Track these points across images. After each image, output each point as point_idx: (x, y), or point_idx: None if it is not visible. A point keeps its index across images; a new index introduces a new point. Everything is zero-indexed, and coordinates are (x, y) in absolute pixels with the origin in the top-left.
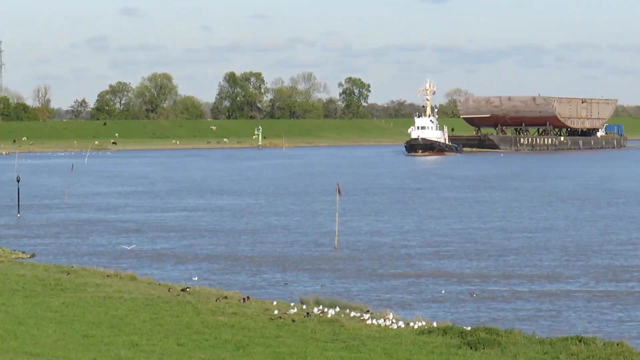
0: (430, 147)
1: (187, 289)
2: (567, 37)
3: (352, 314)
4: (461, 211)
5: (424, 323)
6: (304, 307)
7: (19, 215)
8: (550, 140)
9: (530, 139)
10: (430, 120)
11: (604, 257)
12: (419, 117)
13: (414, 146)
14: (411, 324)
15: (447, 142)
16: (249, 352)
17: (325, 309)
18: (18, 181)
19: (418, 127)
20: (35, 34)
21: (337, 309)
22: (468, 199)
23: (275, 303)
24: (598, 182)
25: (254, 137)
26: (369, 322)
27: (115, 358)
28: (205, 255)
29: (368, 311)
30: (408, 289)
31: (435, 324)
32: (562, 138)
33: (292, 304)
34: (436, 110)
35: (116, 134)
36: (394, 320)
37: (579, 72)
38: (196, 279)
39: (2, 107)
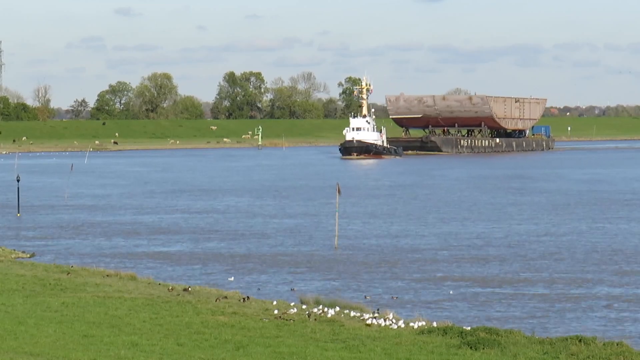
0: (366, 150)
1: (189, 289)
2: (564, 37)
3: (352, 314)
4: (461, 212)
5: (424, 323)
6: (304, 307)
7: (18, 214)
8: (487, 142)
9: (470, 141)
10: (367, 122)
11: (605, 259)
12: (354, 117)
13: (349, 149)
14: (411, 324)
15: (384, 144)
16: (249, 352)
17: (325, 309)
18: (18, 181)
19: (353, 129)
20: (31, 33)
21: (337, 308)
22: (467, 201)
23: (275, 303)
24: (594, 183)
25: (247, 136)
26: (369, 322)
27: (115, 358)
28: (205, 256)
29: (378, 309)
30: (408, 288)
31: (435, 324)
32: (497, 140)
33: (292, 304)
34: (373, 110)
35: (116, 134)
36: (394, 320)
37: (576, 71)
38: (232, 279)
39: (2, 107)
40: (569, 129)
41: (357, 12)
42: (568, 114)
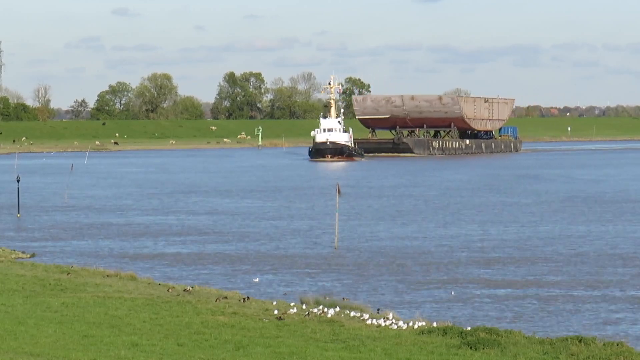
0: (339, 151)
1: (189, 289)
2: (563, 37)
3: (352, 314)
4: (459, 213)
5: (424, 323)
6: (304, 307)
7: (19, 215)
8: (457, 143)
9: (441, 142)
10: (338, 122)
11: (605, 260)
12: (324, 118)
13: (322, 151)
14: (411, 324)
15: (353, 145)
16: (249, 352)
17: (325, 309)
18: (18, 181)
19: (324, 130)
20: (31, 33)
21: (337, 308)
22: (464, 202)
23: (275, 303)
24: (592, 185)
25: (242, 136)
26: (368, 322)
27: (115, 358)
28: (204, 256)
29: (379, 309)
30: (408, 288)
31: (435, 324)
32: (467, 141)
33: (292, 304)
34: (342, 110)
35: (116, 134)
36: (393, 320)
37: (575, 72)
38: (257, 280)
39: (2, 107)
40: (569, 129)
41: (357, 12)
42: (568, 114)
